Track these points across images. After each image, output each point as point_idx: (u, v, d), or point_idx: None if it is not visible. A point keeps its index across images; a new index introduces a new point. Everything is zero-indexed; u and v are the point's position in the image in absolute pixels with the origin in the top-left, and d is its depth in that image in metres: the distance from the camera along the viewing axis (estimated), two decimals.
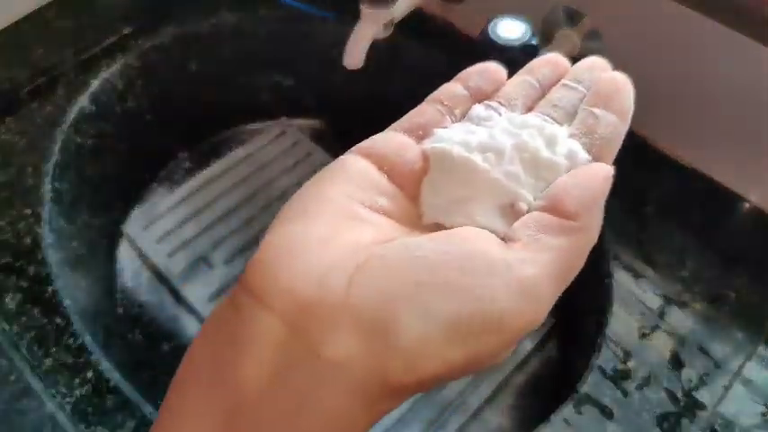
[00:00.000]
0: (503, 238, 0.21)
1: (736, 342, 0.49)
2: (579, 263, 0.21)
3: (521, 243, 0.20)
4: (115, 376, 0.47)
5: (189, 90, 0.74)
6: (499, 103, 0.25)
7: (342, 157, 0.23)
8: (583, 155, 0.23)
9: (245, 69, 0.76)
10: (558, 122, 0.24)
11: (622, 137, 0.24)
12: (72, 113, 0.61)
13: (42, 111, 0.61)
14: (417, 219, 0.23)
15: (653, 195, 0.57)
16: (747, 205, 0.56)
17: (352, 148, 0.24)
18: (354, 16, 0.58)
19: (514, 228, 0.21)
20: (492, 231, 0.21)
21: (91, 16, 0.69)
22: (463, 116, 0.25)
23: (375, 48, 0.59)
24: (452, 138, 0.23)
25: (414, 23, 0.65)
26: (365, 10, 0.57)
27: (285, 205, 0.22)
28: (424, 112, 0.25)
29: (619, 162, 0.24)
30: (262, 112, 0.81)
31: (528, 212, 0.22)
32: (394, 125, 0.25)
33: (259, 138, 0.80)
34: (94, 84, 0.63)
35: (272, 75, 0.78)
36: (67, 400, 0.46)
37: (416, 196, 0.23)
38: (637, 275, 0.53)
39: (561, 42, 0.59)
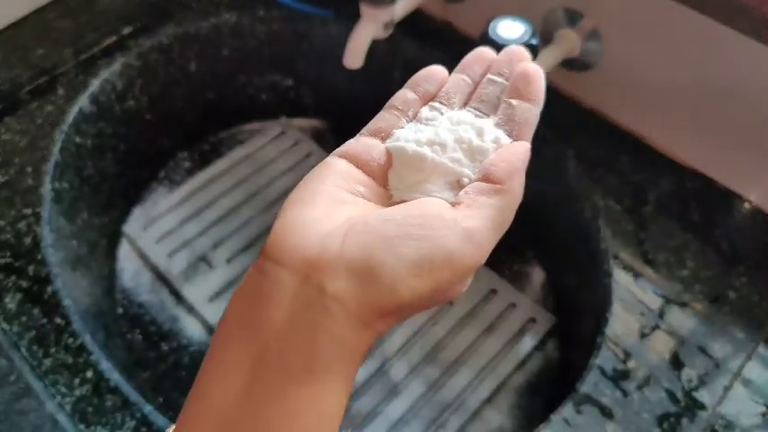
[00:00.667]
0: (453, 204, 0.28)
1: (736, 342, 0.49)
2: (509, 217, 0.28)
3: (464, 204, 0.27)
4: (115, 376, 0.47)
5: (189, 90, 0.74)
6: (441, 102, 0.31)
7: (326, 159, 0.30)
8: (505, 139, 0.30)
9: (245, 69, 0.76)
10: (486, 114, 0.31)
11: (537, 116, 0.30)
12: (72, 113, 0.61)
13: (42, 111, 0.61)
14: (388, 199, 0.29)
15: (652, 195, 0.57)
16: (747, 205, 0.56)
17: (333, 152, 0.30)
18: (354, 16, 0.58)
19: (459, 195, 0.28)
20: (444, 200, 0.28)
21: (91, 16, 0.69)
22: (415, 116, 0.31)
23: (375, 48, 0.59)
24: (407, 137, 0.30)
25: (414, 23, 0.65)
26: (365, 10, 0.57)
27: (288, 198, 0.28)
28: (383, 117, 0.31)
29: (618, 162, 0.25)
30: (262, 112, 0.81)
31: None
32: (362, 131, 0.31)
33: (259, 138, 0.80)
34: (94, 84, 0.64)
35: (271, 75, 0.78)
36: (67, 400, 0.46)
37: (386, 183, 0.30)
38: (636, 275, 0.53)
39: (561, 42, 0.59)
